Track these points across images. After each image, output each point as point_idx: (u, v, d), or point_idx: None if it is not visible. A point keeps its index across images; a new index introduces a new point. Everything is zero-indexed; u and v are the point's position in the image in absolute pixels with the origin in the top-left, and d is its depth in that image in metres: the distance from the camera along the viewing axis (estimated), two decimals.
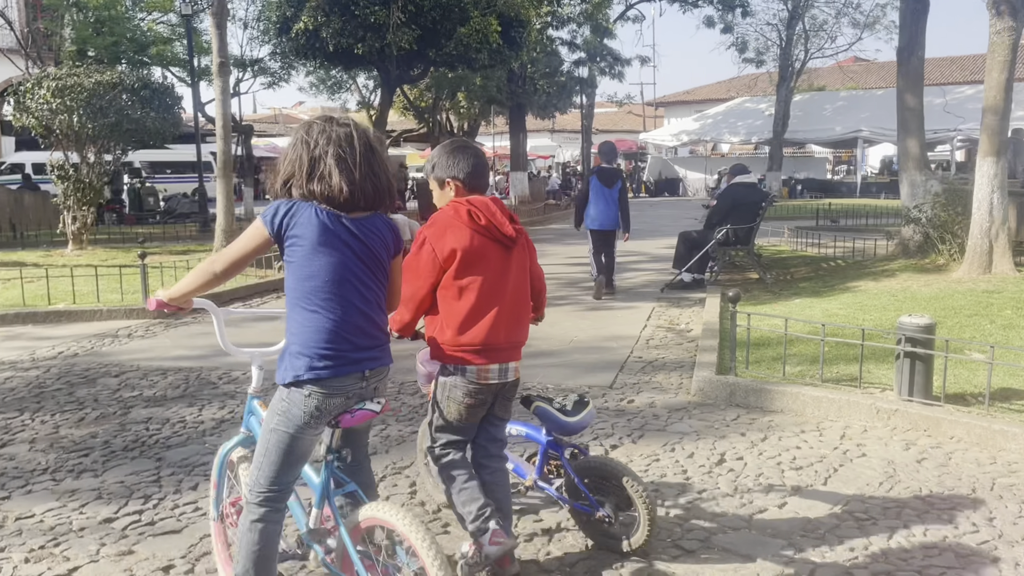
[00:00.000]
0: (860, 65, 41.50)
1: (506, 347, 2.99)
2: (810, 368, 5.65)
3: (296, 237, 2.49)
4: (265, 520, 2.56)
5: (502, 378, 2.99)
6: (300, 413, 2.50)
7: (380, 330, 2.63)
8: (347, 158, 2.51)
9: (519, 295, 3.06)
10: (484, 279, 2.94)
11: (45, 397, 5.59)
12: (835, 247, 12.25)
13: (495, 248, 2.97)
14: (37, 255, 12.42)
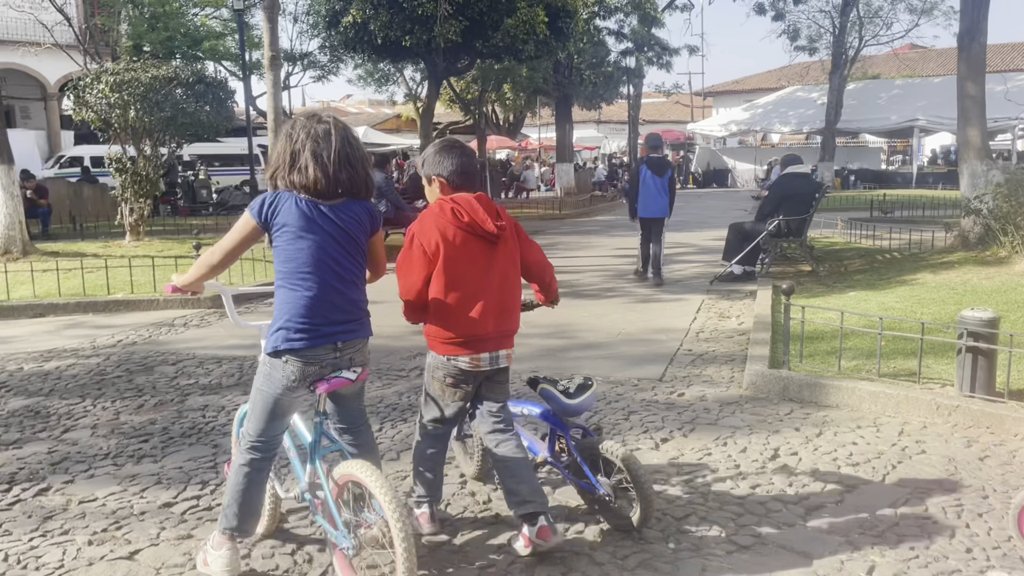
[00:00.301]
0: (917, 52, 40.38)
1: (495, 336, 3.21)
2: (866, 362, 5.52)
3: (280, 225, 2.82)
4: (250, 466, 2.94)
5: (493, 365, 3.23)
6: (280, 377, 2.85)
7: (355, 306, 2.94)
8: (323, 152, 2.83)
9: (506, 288, 3.23)
10: (468, 273, 3.15)
11: (106, 384, 5.75)
12: (891, 239, 11.96)
13: (478, 243, 3.16)
14: (96, 246, 12.77)
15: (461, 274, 3.14)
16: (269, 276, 9.81)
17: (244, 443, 2.98)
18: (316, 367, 2.84)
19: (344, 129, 2.93)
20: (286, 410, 2.96)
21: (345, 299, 2.90)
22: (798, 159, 10.36)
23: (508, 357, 3.28)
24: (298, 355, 2.81)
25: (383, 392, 5.48)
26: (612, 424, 4.75)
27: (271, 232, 2.85)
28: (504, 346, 3.25)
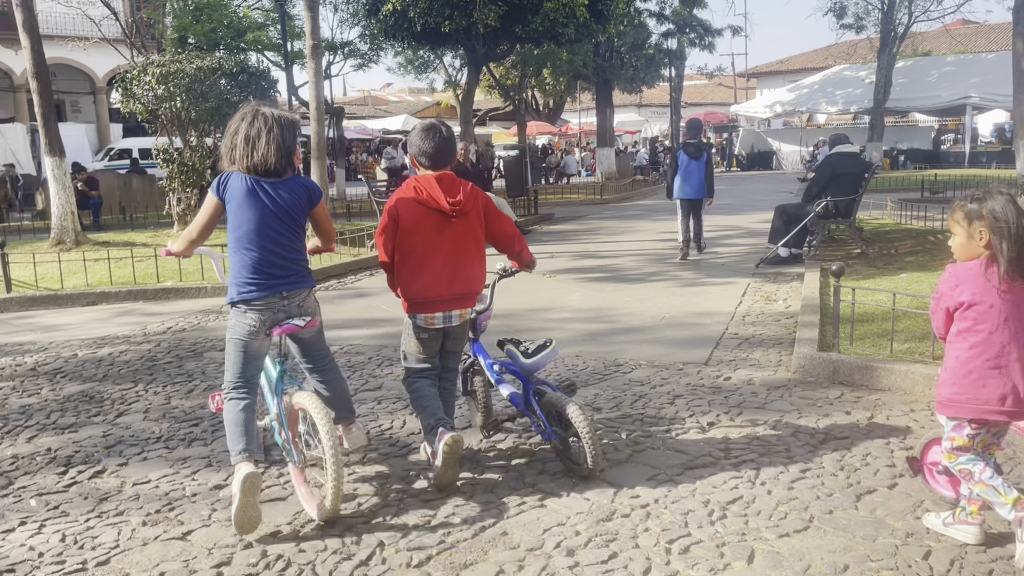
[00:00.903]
0: (969, 28, 39.16)
1: (448, 299, 3.74)
2: (919, 345, 5.38)
3: (230, 199, 3.46)
4: (233, 399, 3.52)
5: (446, 323, 3.80)
6: (240, 325, 3.50)
7: (294, 263, 3.55)
8: (258, 138, 3.42)
9: (460, 257, 3.74)
10: (424, 243, 3.69)
11: (157, 370, 5.87)
12: (943, 220, 11.63)
13: (435, 217, 3.68)
14: (145, 235, 13.03)
15: (417, 244, 3.69)
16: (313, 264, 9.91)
17: (226, 386, 3.56)
18: (270, 313, 3.49)
19: (279, 118, 3.51)
20: (255, 353, 3.56)
21: (284, 259, 3.51)
22: (846, 138, 10.11)
23: (461, 316, 3.82)
24: (251, 305, 3.47)
25: None
26: (657, 408, 4.71)
27: (225, 205, 3.48)
28: (458, 307, 3.78)
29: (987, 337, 2.98)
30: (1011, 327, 2.96)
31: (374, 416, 4.70)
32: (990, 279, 2.97)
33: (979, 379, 2.98)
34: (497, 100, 34.78)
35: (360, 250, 11.17)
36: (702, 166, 9.95)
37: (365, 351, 6.23)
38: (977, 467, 3.00)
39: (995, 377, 2.96)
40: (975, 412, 2.99)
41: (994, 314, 2.97)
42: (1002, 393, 2.95)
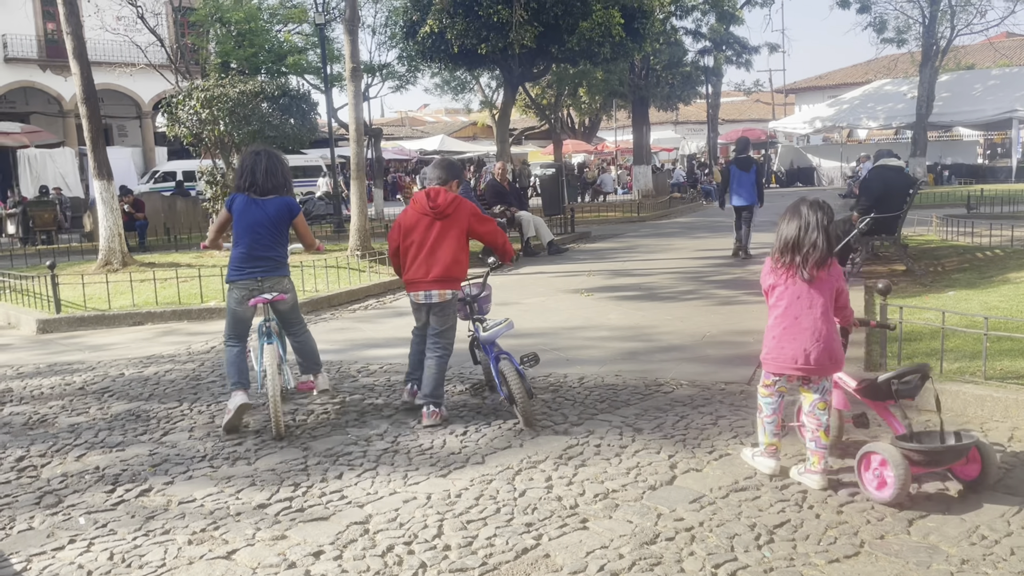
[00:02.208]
0: (1014, 40, 38.46)
1: (425, 281, 4.95)
2: (969, 364, 5.25)
3: (234, 211, 5.05)
4: (228, 347, 5.12)
5: (427, 300, 5.00)
6: (231, 297, 5.09)
7: (270, 259, 5.03)
8: (254, 169, 5.03)
9: (439, 250, 4.93)
10: (414, 240, 5.00)
11: (201, 388, 5.95)
12: (991, 236, 11.37)
13: (424, 219, 4.99)
14: (190, 256, 13.27)
15: (412, 240, 5.01)
16: (354, 283, 10.02)
17: (224, 338, 5.20)
18: (247, 292, 4.99)
19: (269, 154, 5.14)
20: (241, 317, 5.11)
21: (262, 255, 5.01)
22: (891, 152, 9.95)
23: (440, 296, 4.96)
24: (235, 284, 5.04)
25: (466, 397, 5.48)
26: (700, 429, 4.64)
27: (232, 214, 5.07)
28: (435, 287, 4.94)
29: (784, 311, 3.89)
30: (802, 304, 3.84)
31: (414, 435, 4.71)
32: (776, 269, 3.94)
33: (780, 342, 3.90)
34: (533, 119, 34.97)
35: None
36: (752, 177, 11.51)
37: (403, 370, 6.23)
38: (767, 407, 3.98)
39: (788, 341, 3.86)
40: (776, 367, 3.93)
41: (788, 294, 3.88)
42: (794, 354, 3.84)
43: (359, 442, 4.63)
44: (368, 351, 7.01)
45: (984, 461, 3.64)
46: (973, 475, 3.67)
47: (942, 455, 3.63)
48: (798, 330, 3.83)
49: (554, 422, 4.85)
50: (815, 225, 3.80)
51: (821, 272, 3.83)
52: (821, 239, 3.80)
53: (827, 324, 3.83)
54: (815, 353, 3.79)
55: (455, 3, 15.47)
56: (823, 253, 3.81)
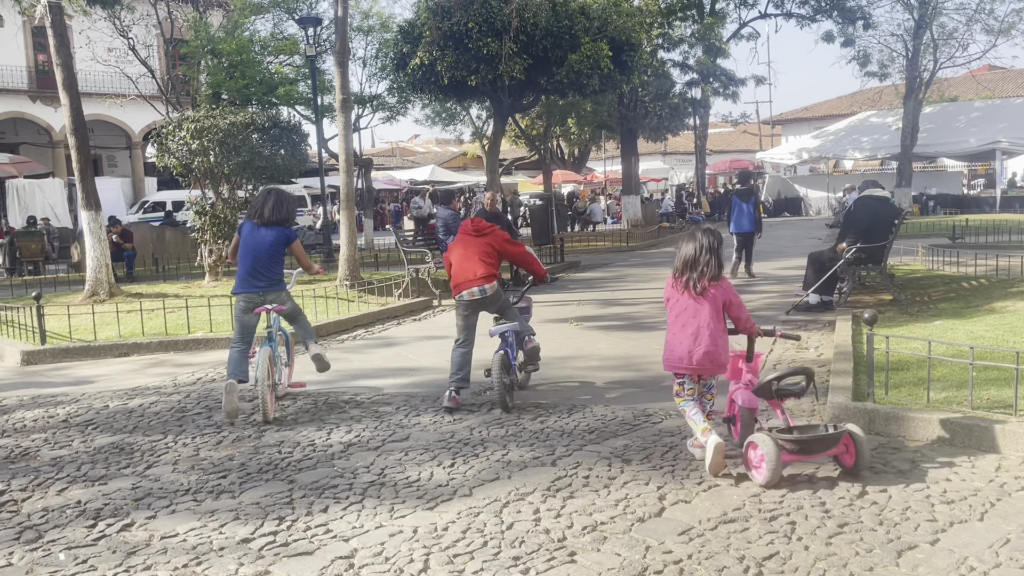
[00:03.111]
0: (995, 73, 39.09)
1: (469, 281, 6.03)
2: (956, 394, 5.26)
3: (242, 234, 6.20)
4: (233, 348, 6.14)
5: (471, 297, 6.03)
6: (237, 307, 6.17)
7: (268, 276, 6.10)
8: (263, 203, 6.23)
9: (478, 258, 6.06)
10: (461, 253, 6.15)
11: (186, 421, 5.89)
12: (976, 265, 11.46)
13: (469, 238, 6.21)
14: (177, 287, 13.22)
15: (457, 253, 6.18)
16: (342, 313, 10.00)
17: (231, 343, 6.20)
18: (250, 303, 6.08)
19: (273, 192, 6.34)
20: (245, 323, 6.13)
21: (261, 272, 6.09)
22: (876, 183, 10.06)
23: (485, 290, 5.99)
24: (239, 296, 6.13)
25: (454, 427, 5.46)
26: (688, 459, 4.62)
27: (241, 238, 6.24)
28: (478, 284, 5.99)
29: (675, 318, 4.62)
30: (690, 313, 4.55)
31: (401, 467, 4.67)
32: (676, 284, 4.64)
33: (670, 345, 4.62)
34: (523, 150, 35.17)
35: (388, 299, 11.23)
36: (751, 207, 12.48)
37: (392, 401, 6.22)
38: (687, 407, 4.60)
39: (676, 344, 4.58)
40: (669, 366, 4.65)
41: (680, 305, 4.61)
42: (680, 355, 4.55)
43: (345, 474, 4.59)
44: (356, 382, 6.97)
45: (858, 450, 4.18)
46: (850, 463, 4.22)
47: (811, 443, 4.19)
48: (685, 335, 4.55)
49: (542, 453, 4.82)
50: (707, 247, 4.55)
51: (712, 287, 4.54)
52: (712, 259, 4.55)
53: (711, 331, 4.51)
54: (697, 355, 4.50)
55: (445, 36, 15.62)
56: (714, 270, 4.54)
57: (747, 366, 4.82)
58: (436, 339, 8.82)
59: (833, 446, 4.22)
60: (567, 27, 16.02)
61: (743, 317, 4.67)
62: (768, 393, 4.49)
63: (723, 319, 4.60)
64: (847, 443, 4.21)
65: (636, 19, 19.44)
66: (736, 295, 4.68)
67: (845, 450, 4.23)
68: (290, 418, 5.85)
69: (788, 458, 4.20)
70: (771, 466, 4.08)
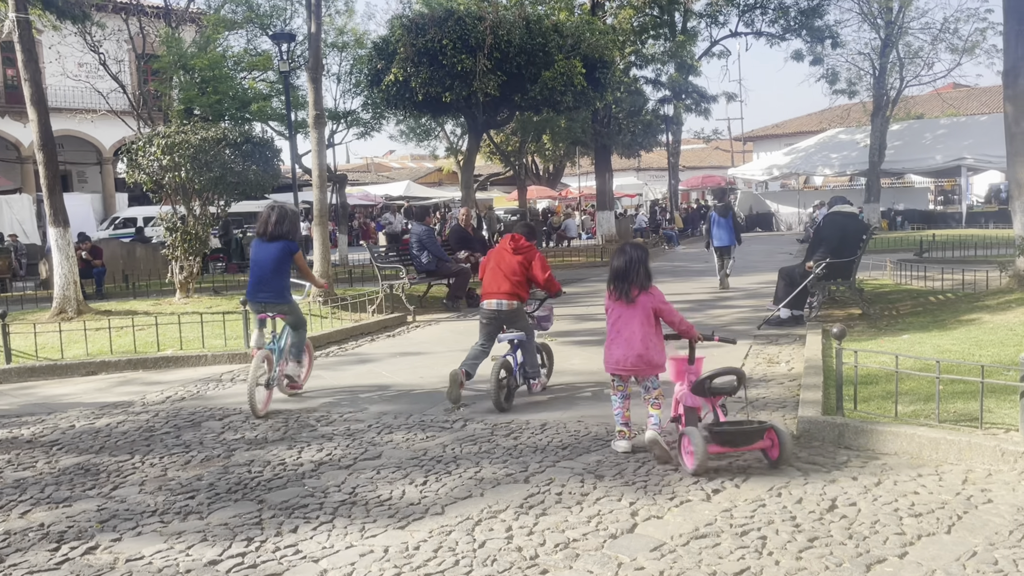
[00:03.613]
0: (960, 91, 39.89)
1: (493, 294, 6.58)
2: (924, 407, 5.33)
3: (251, 249, 6.84)
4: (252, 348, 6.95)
5: (489, 308, 6.62)
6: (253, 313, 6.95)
7: (271, 288, 6.62)
8: (267, 220, 6.69)
9: (504, 275, 6.59)
10: (493, 266, 6.68)
11: (154, 440, 5.80)
12: (942, 280, 11.65)
13: (502, 254, 6.72)
14: (147, 304, 13.05)
15: (491, 265, 6.72)
16: (315, 330, 9.92)
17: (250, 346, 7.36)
18: (254, 311, 6.80)
19: (280, 207, 6.81)
20: (259, 326, 6.75)
21: (266, 284, 6.64)
22: (845, 199, 10.21)
23: (502, 304, 6.53)
24: (248, 304, 6.90)
25: (427, 445, 5.43)
26: (661, 474, 4.63)
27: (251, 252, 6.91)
28: (498, 297, 6.54)
29: (611, 325, 5.14)
30: (623, 320, 5.06)
31: (373, 486, 4.63)
32: (611, 295, 5.15)
33: (609, 350, 5.13)
34: (498, 165, 35.29)
35: (362, 315, 11.17)
36: (730, 222, 13.63)
37: (364, 419, 6.18)
38: (615, 403, 5.20)
39: (613, 348, 5.08)
40: (609, 369, 5.16)
41: (615, 313, 5.13)
42: (616, 358, 5.07)
43: (316, 494, 4.54)
44: (328, 399, 6.92)
45: (781, 444, 4.61)
46: (775, 456, 4.62)
47: (735, 436, 4.64)
48: (620, 340, 5.04)
49: (515, 470, 4.81)
50: (636, 260, 5.05)
51: (642, 296, 5.01)
52: (641, 269, 5.05)
53: (642, 336, 4.98)
54: (631, 358, 4.99)
55: (419, 52, 15.66)
56: (642, 280, 5.03)
57: (690, 368, 5.07)
58: (410, 355, 8.78)
59: (757, 440, 4.65)
60: (541, 44, 16.15)
61: (676, 321, 5.07)
62: (703, 391, 4.87)
63: (654, 324, 5.04)
64: (772, 438, 4.62)
65: (609, 37, 19.63)
66: (665, 302, 5.09)
67: (771, 444, 4.64)
68: (260, 436, 5.78)
69: (715, 449, 4.62)
70: (698, 455, 4.52)
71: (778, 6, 27.65)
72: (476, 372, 6.57)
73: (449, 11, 16.27)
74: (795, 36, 27.85)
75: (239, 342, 9.05)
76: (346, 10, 23.48)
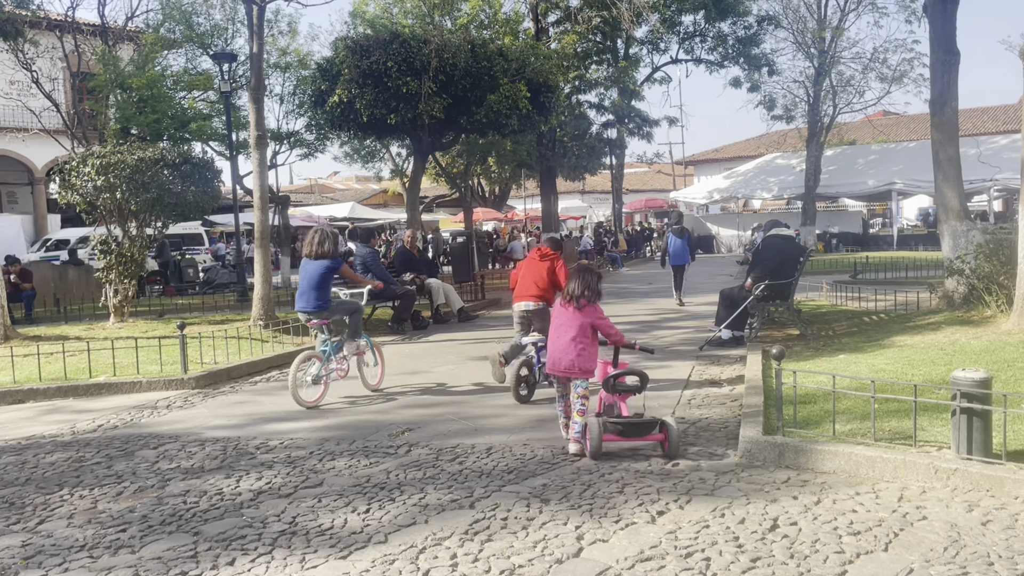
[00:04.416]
0: (890, 118, 41.45)
1: (522, 296, 7.70)
2: (860, 425, 5.45)
3: (300, 267, 7.84)
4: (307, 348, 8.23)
5: (519, 308, 7.73)
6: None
7: (315, 298, 7.63)
8: (310, 241, 7.78)
9: (533, 280, 7.70)
10: (524, 273, 7.77)
11: (84, 471, 5.58)
12: (876, 300, 12.01)
13: (531, 261, 7.82)
14: (80, 328, 12.63)
15: (522, 272, 7.82)
16: (255, 354, 9.72)
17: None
18: (302, 319, 7.86)
19: (321, 230, 7.80)
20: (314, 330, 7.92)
21: (310, 295, 7.61)
22: (781, 223, 10.46)
23: (529, 305, 7.70)
24: (300, 312, 7.79)
25: (371, 471, 5.33)
26: (606, 497, 4.63)
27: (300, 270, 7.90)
28: (527, 300, 7.70)
29: (552, 332, 5.85)
30: (562, 329, 5.72)
31: (314, 515, 4.52)
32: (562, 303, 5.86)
33: (550, 352, 5.83)
34: (444, 187, 35.27)
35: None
36: (685, 242, 14.69)
37: (306, 445, 6.05)
38: (558, 403, 5.94)
39: (553, 352, 5.77)
40: (548, 370, 5.90)
41: (557, 320, 5.85)
42: (553, 361, 5.75)
43: (254, 524, 4.41)
44: (268, 426, 6.76)
45: (669, 438, 5.29)
46: (667, 448, 5.31)
47: (628, 428, 5.39)
48: (556, 346, 5.74)
49: (460, 495, 4.75)
50: (590, 278, 5.83)
51: (586, 308, 5.71)
52: (593, 286, 5.78)
53: (575, 343, 5.63)
54: (564, 362, 5.65)
55: (364, 74, 15.60)
56: (591, 296, 5.74)
57: (614, 371, 5.79)
58: (354, 379, 8.65)
59: (649, 432, 5.39)
60: (486, 68, 16.24)
61: (611, 333, 5.79)
62: (610, 389, 5.68)
63: (590, 335, 5.71)
64: (664, 432, 5.32)
65: (553, 62, 19.88)
66: (602, 318, 5.81)
67: (664, 438, 5.32)
68: (196, 465, 5.61)
69: (610, 438, 5.38)
70: (594, 442, 5.29)
71: (717, 34, 28.39)
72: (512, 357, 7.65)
73: (394, 34, 16.27)
74: (733, 63, 28.62)
75: (176, 367, 8.80)
76: (289, 31, 23.19)
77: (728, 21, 27.86)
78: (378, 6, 23.51)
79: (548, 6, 25.32)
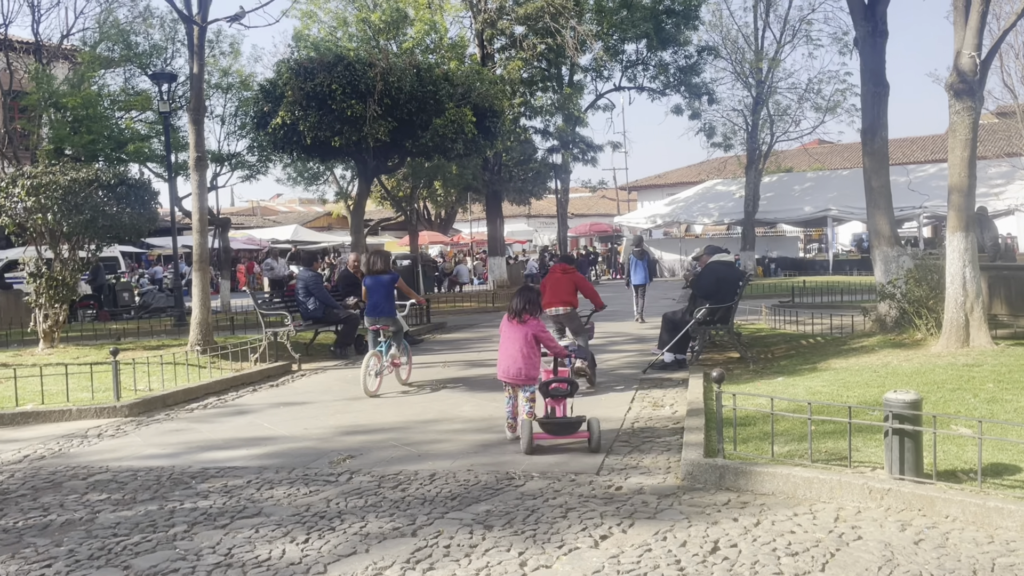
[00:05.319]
0: (825, 147, 42.81)
1: (553, 303, 9.00)
2: (798, 447, 5.55)
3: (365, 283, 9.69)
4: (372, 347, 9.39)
5: (551, 312, 8.94)
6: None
7: (381, 309, 9.39)
8: (371, 262, 9.70)
9: (560, 289, 9.13)
10: (552, 285, 9.18)
11: (8, 504, 5.34)
12: (813, 324, 12.31)
13: (555, 277, 9.33)
14: (7, 355, 12.14)
15: (549, 284, 9.21)
16: (192, 380, 9.48)
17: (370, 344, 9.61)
18: (368, 324, 9.46)
19: (376, 251, 10.14)
20: (373, 336, 9.46)
21: (377, 306, 9.39)
22: (721, 248, 10.68)
23: (559, 310, 9.00)
24: (366, 319, 9.53)
25: (310, 500, 5.22)
26: (550, 522, 4.61)
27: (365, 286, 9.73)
28: (557, 306, 8.99)
29: (502, 343, 6.61)
30: (509, 340, 6.53)
31: (251, 546, 4.40)
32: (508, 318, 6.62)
33: (500, 361, 6.60)
34: (389, 210, 35.11)
35: (243, 364, 10.75)
36: (645, 264, 16.18)
37: (243, 474, 5.90)
38: (507, 402, 6.67)
39: (502, 361, 6.57)
40: (499, 376, 6.64)
41: (505, 332, 6.62)
42: (504, 368, 6.54)
43: (188, 557, 4.27)
44: (204, 454, 6.57)
45: (591, 433, 6.03)
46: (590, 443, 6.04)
47: (555, 427, 6.18)
48: (505, 355, 6.53)
49: (403, 523, 4.68)
50: (531, 294, 6.62)
51: (529, 321, 6.50)
52: (534, 300, 6.60)
53: (521, 353, 6.43)
54: (512, 369, 6.47)
55: (308, 96, 15.47)
56: (531, 310, 6.54)
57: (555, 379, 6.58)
58: (294, 405, 8.50)
59: (574, 431, 6.15)
60: (432, 92, 16.28)
61: (552, 346, 6.65)
62: (545, 393, 6.41)
63: (534, 346, 6.48)
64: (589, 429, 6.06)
65: (499, 87, 20.06)
66: (543, 330, 6.59)
67: (588, 434, 6.04)
68: (128, 497, 5.41)
69: (540, 436, 6.14)
70: (525, 439, 6.06)
71: (658, 63, 29.01)
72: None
73: (339, 56, 16.21)
74: (675, 92, 29.26)
75: (108, 395, 8.51)
76: (231, 51, 22.87)
77: (669, 51, 28.52)
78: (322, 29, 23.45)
79: (493, 32, 25.58)
